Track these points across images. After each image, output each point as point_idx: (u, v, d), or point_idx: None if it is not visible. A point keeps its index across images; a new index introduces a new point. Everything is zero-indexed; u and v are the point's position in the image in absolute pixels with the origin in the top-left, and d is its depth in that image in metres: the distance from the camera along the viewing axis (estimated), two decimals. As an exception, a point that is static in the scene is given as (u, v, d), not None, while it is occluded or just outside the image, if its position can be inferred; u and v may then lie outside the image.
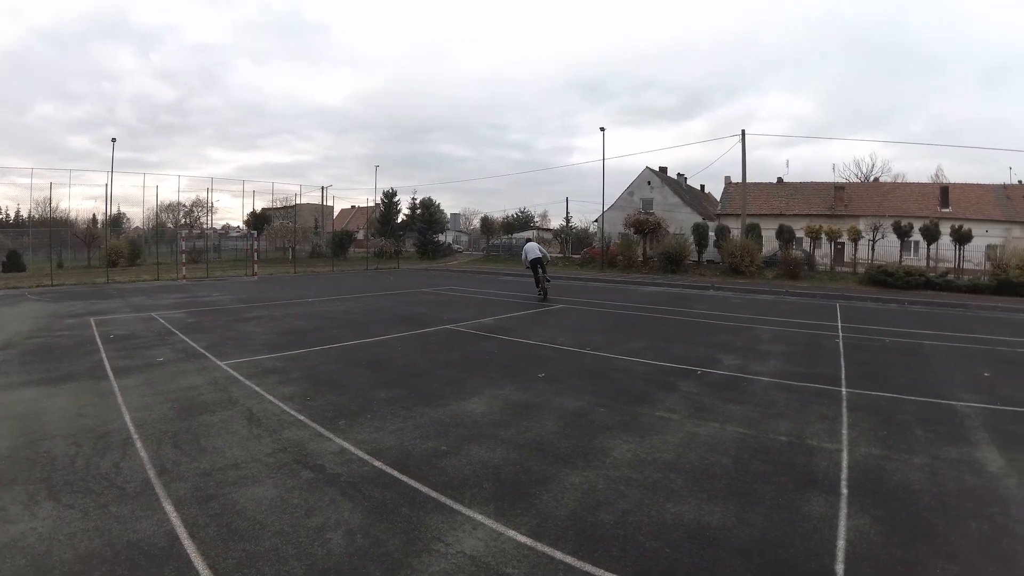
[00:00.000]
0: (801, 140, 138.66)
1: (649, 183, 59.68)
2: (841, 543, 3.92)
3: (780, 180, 56.32)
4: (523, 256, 22.14)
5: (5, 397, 7.73)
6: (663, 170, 62.50)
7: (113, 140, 47.38)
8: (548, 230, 71.46)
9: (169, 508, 4.42)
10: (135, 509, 4.41)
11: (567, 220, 62.67)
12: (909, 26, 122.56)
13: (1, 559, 3.74)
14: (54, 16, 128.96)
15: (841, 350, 11.34)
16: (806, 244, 37.35)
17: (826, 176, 76.32)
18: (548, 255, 23.16)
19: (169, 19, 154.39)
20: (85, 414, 6.90)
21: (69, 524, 4.19)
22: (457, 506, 4.45)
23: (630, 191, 60.33)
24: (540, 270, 21.25)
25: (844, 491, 4.76)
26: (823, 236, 35.35)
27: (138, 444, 5.85)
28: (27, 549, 3.85)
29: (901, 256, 33.67)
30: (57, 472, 5.17)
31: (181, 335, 12.64)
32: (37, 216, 51.31)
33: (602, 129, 42.85)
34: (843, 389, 8.20)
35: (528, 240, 26.64)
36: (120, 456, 5.54)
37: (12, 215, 62.65)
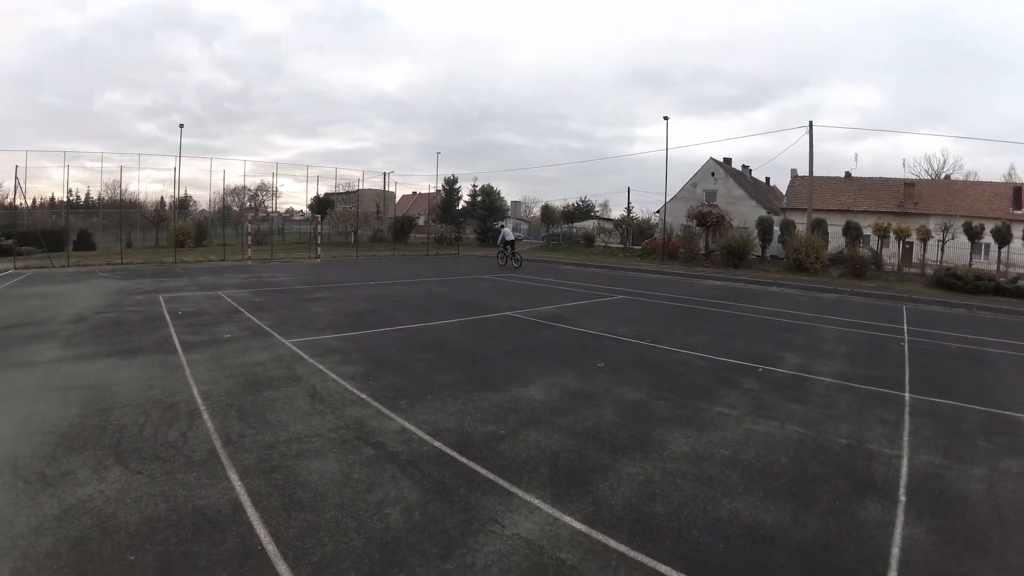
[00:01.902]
0: (870, 133, 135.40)
1: (713, 174, 58.64)
2: (896, 551, 3.84)
3: (848, 174, 54.77)
4: (500, 238, 31.98)
5: (76, 368, 8.00)
6: (727, 161, 61.22)
7: (181, 126, 48.39)
8: (609, 220, 70.55)
9: (234, 477, 4.54)
10: (200, 477, 4.55)
11: (628, 211, 61.98)
12: (980, 19, 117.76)
13: (68, 519, 3.89)
14: (119, 7, 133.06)
15: (906, 354, 10.98)
16: (873, 242, 36.27)
17: (895, 172, 73.64)
18: (520, 238, 34.25)
19: (230, 10, 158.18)
20: (154, 386, 7.12)
21: (136, 488, 4.33)
22: (514, 489, 4.47)
23: (693, 182, 59.42)
24: (511, 249, 30.53)
25: (902, 498, 4.65)
26: (891, 235, 34.30)
27: (205, 415, 6.02)
28: (94, 511, 3.99)
29: (971, 259, 32.58)
30: (126, 439, 5.34)
31: (247, 313, 12.91)
32: (107, 198, 52.88)
33: (666, 118, 42.08)
34: (906, 394, 7.95)
35: (502, 226, 37.19)
36: (187, 426, 5.70)
37: (83, 197, 64.56)
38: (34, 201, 57.52)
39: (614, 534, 3.87)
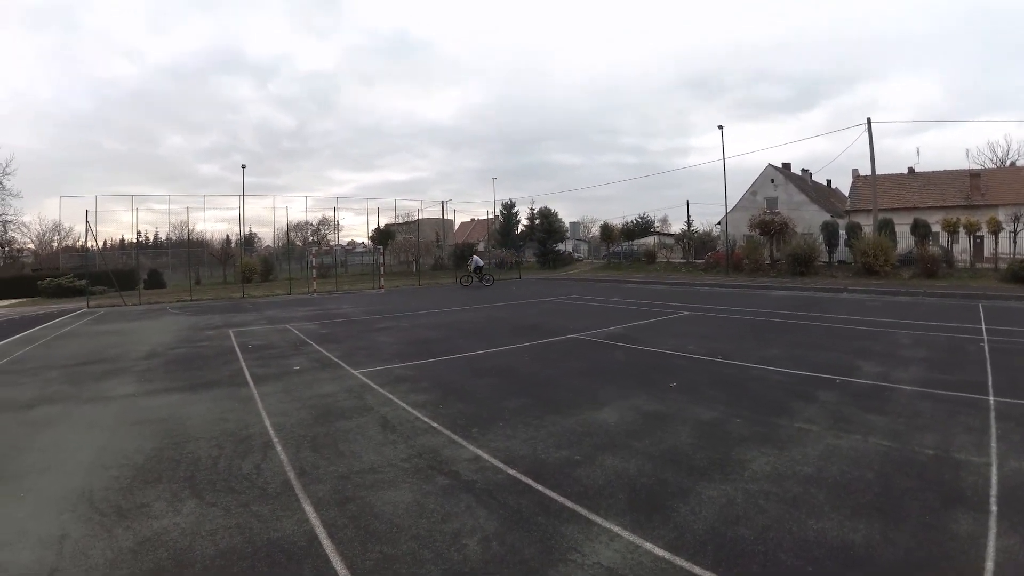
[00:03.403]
0: (930, 126, 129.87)
1: (772, 181, 57.67)
2: (990, 564, 3.63)
3: (911, 170, 53.22)
4: (471, 265, 38.24)
5: (151, 402, 8.22)
6: (786, 166, 60.09)
7: (243, 166, 50.07)
8: (669, 235, 70.11)
9: (308, 509, 4.54)
10: (275, 509, 4.56)
11: (688, 224, 61.56)
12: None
13: (144, 552, 3.93)
14: (174, 52, 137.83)
15: (987, 355, 10.55)
16: (943, 239, 35.17)
17: (959, 163, 70.81)
18: (488, 264, 42.07)
19: (281, 50, 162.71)
20: (227, 418, 7.24)
21: (211, 521, 4.37)
22: (593, 516, 4.36)
23: (752, 190, 58.56)
24: (481, 272, 37.47)
25: (993, 508, 4.41)
26: (961, 230, 33.09)
27: (278, 447, 6.08)
28: (170, 543, 4.03)
29: (1045, 248, 31.29)
30: (200, 472, 5.42)
31: (315, 345, 13.11)
32: (175, 238, 54.78)
33: (720, 127, 41.90)
34: (991, 398, 7.59)
35: (474, 255, 41.92)
36: (261, 458, 5.75)
37: (151, 238, 66.84)
38: (104, 243, 59.74)
39: (699, 560, 3.72)
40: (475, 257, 40.44)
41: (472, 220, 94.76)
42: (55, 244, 59.67)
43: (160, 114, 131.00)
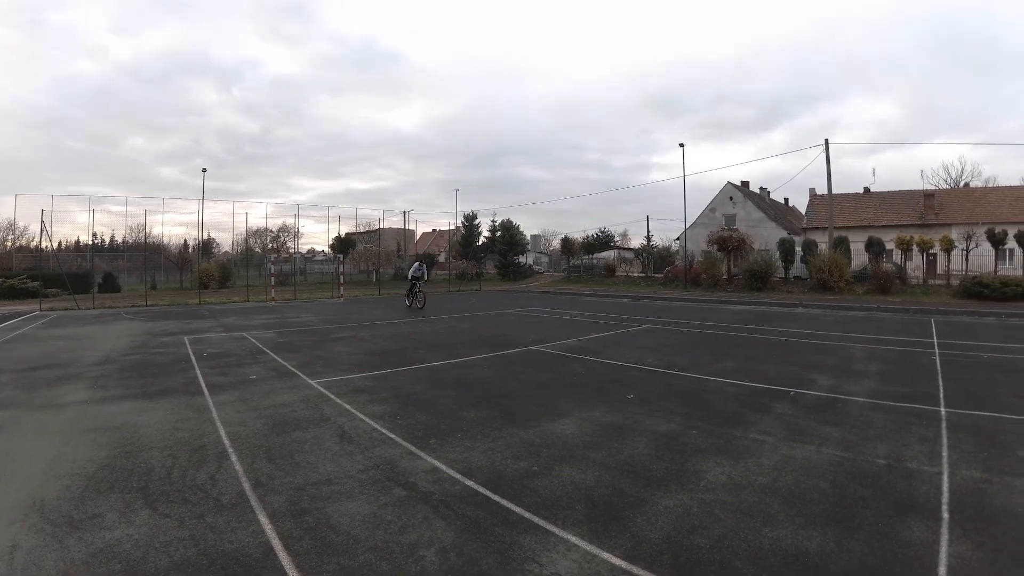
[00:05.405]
0: (887, 147, 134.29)
1: (731, 198, 58.72)
2: (942, 570, 3.71)
3: (867, 190, 54.83)
4: (409, 274, 28.66)
5: (104, 410, 8.05)
6: (745, 184, 61.30)
7: (204, 170, 49.34)
8: (629, 249, 70.70)
9: (264, 520, 4.47)
10: (230, 520, 4.49)
11: (648, 239, 62.16)
12: (997, 17, 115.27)
13: (97, 563, 3.84)
14: (138, 54, 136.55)
15: (938, 368, 10.86)
16: (897, 256, 36.11)
17: (914, 183, 72.97)
18: (427, 277, 31.06)
19: (247, 55, 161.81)
20: (181, 428, 7.11)
21: (165, 532, 4.28)
22: (550, 527, 4.36)
23: (712, 207, 59.49)
24: (418, 286, 26.99)
25: (945, 516, 4.52)
26: (914, 248, 34.21)
27: (233, 458, 5.98)
28: (123, 555, 3.94)
29: (996, 266, 32.43)
30: (154, 482, 5.32)
31: (272, 354, 12.97)
32: (131, 241, 53.89)
33: (681, 145, 42.50)
34: (942, 409, 7.80)
35: (419, 264, 30.11)
36: (216, 469, 5.66)
37: (107, 240, 65.63)
38: (60, 244, 58.63)
39: (655, 569, 3.75)
40: (419, 264, 29.08)
41: (434, 230, 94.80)
42: (8, 244, 58.38)
43: (121, 114, 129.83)
